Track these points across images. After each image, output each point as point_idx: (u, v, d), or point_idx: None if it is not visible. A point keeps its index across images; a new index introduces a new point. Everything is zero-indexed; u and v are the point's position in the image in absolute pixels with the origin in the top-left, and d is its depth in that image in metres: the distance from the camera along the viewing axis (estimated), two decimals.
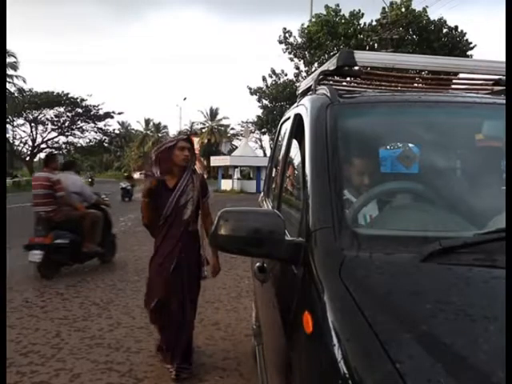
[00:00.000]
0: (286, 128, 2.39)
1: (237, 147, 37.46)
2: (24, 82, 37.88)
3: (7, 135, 34.40)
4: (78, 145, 47.25)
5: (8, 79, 34.20)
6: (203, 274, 3.10)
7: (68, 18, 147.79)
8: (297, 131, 2.03)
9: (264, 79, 24.87)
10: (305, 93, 2.44)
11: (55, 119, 43.56)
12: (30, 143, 43.44)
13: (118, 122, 61.55)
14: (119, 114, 45.50)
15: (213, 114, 54.32)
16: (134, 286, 5.38)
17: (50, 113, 42.75)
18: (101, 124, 45.34)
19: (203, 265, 3.08)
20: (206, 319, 4.17)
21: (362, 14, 20.95)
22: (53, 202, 5.61)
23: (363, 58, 2.05)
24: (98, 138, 46.89)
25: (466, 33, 20.60)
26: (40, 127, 43.52)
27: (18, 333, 3.77)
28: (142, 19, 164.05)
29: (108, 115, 44.45)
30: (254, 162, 28.85)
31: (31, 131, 42.95)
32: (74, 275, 5.87)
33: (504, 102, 1.51)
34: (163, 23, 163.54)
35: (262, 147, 46.94)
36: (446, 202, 1.56)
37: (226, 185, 29.85)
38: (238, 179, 30.02)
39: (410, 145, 2.23)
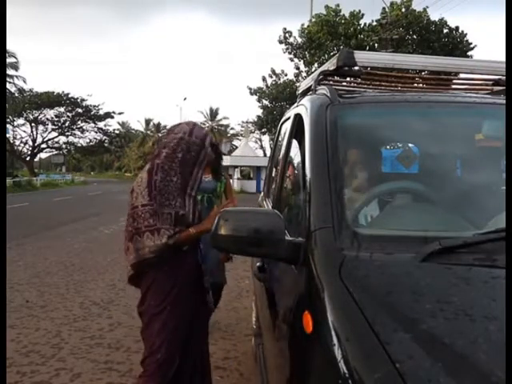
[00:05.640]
0: (286, 128, 2.39)
1: (237, 147, 37.43)
2: (24, 82, 37.94)
3: (7, 135, 34.42)
4: (79, 145, 47.37)
5: (8, 79, 34.20)
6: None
7: (69, 19, 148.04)
8: (297, 131, 2.03)
9: (264, 79, 24.90)
10: (305, 93, 2.44)
11: (55, 119, 43.65)
12: (31, 143, 43.59)
13: (118, 122, 61.75)
14: (119, 114, 45.65)
15: (213, 114, 54.29)
16: None
17: (50, 113, 42.88)
18: (101, 124, 45.50)
19: None
20: None
21: (362, 15, 20.92)
22: None
23: (363, 58, 2.05)
24: (99, 138, 47.03)
25: (466, 33, 20.59)
26: (40, 127, 43.66)
27: (19, 332, 3.77)
28: (144, 21, 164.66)
29: (108, 115, 44.51)
30: (254, 162, 28.82)
31: (31, 131, 43.10)
32: (75, 274, 5.88)
33: (504, 102, 1.51)
34: (164, 25, 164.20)
35: (262, 147, 46.91)
36: (446, 201, 1.56)
37: None
38: (238, 179, 30.00)
39: (410, 145, 2.23)
